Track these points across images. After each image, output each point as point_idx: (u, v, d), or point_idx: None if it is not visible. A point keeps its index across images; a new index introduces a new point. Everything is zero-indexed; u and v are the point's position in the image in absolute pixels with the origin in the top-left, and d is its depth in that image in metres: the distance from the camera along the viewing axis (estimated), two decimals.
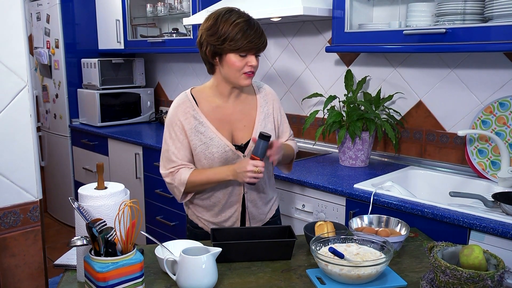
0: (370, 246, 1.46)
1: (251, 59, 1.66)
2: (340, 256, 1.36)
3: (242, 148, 1.76)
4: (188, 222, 1.90)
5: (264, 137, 1.62)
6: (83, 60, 4.05)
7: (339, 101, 2.64)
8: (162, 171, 1.79)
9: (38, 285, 1.41)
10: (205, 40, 1.68)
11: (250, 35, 1.61)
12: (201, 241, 1.56)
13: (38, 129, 4.54)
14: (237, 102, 1.80)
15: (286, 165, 1.94)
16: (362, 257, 1.40)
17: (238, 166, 1.65)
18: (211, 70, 1.77)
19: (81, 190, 1.31)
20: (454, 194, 1.90)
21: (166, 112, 4.07)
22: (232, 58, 1.65)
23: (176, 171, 1.74)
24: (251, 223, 1.83)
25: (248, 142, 1.77)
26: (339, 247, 1.46)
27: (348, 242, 1.49)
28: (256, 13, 2.54)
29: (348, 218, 2.09)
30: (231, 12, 1.66)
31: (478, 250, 1.23)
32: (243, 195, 1.79)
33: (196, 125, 1.73)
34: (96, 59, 3.89)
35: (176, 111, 1.75)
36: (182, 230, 3.09)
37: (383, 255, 1.40)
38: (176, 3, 3.53)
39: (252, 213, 1.82)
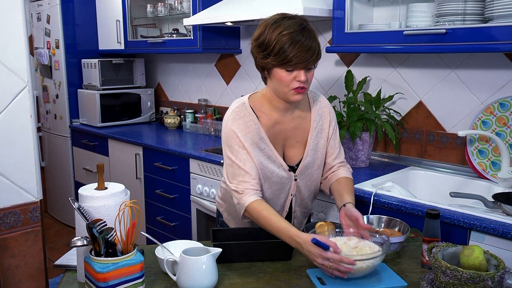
0: (370, 240, 1.47)
1: (299, 74, 1.52)
2: (325, 247, 1.35)
3: (294, 169, 1.70)
4: (219, 223, 1.89)
5: (433, 215, 1.46)
6: (83, 60, 4.05)
7: (340, 102, 2.64)
8: (230, 184, 1.63)
9: (38, 286, 1.41)
10: (253, 51, 1.59)
11: (295, 49, 1.48)
12: (201, 241, 1.56)
13: (39, 129, 4.54)
14: (293, 116, 1.69)
15: None
16: (359, 251, 1.41)
17: (305, 246, 1.39)
18: (264, 80, 1.66)
19: (81, 190, 1.31)
20: (454, 195, 1.90)
21: (167, 112, 4.07)
22: (279, 72, 1.53)
23: (242, 190, 1.58)
24: None
25: (300, 162, 1.70)
26: (339, 240, 1.47)
27: (349, 236, 1.50)
28: (255, 14, 2.55)
29: None
30: (282, 20, 1.54)
31: (478, 251, 1.23)
32: (290, 212, 1.77)
33: (257, 141, 1.62)
34: (97, 60, 3.89)
35: (237, 124, 1.61)
36: (183, 231, 3.10)
37: (380, 250, 1.40)
38: (176, 4, 3.53)
39: (294, 225, 1.79)
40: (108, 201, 1.27)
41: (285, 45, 1.48)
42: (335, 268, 1.32)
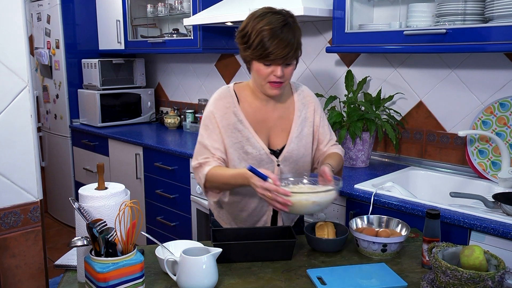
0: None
1: (276, 69, 1.55)
2: (261, 176, 1.43)
3: (277, 153, 1.71)
4: (211, 222, 1.89)
5: (433, 215, 1.46)
6: (83, 60, 4.05)
7: (340, 102, 2.64)
8: (192, 163, 1.69)
9: (38, 286, 1.41)
10: (236, 41, 1.62)
11: (273, 44, 1.50)
12: (201, 241, 1.56)
13: (39, 129, 4.54)
14: (276, 106, 1.72)
15: (337, 174, 1.79)
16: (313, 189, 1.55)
17: (251, 180, 1.49)
18: (249, 71, 1.69)
19: (81, 190, 1.31)
20: (454, 195, 1.90)
21: (167, 112, 4.07)
22: (257, 65, 1.57)
23: (204, 163, 1.63)
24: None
25: (283, 147, 1.72)
26: (307, 186, 1.60)
27: (317, 184, 1.60)
28: None
29: (348, 218, 2.09)
30: (266, 14, 1.55)
31: (478, 251, 1.23)
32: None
33: (235, 122, 1.66)
34: (97, 60, 3.89)
35: (216, 105, 1.67)
36: (183, 231, 3.10)
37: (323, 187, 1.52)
38: (176, 4, 3.53)
39: (284, 218, 1.79)
40: (108, 201, 1.27)
41: (264, 39, 1.51)
42: (273, 198, 1.42)
